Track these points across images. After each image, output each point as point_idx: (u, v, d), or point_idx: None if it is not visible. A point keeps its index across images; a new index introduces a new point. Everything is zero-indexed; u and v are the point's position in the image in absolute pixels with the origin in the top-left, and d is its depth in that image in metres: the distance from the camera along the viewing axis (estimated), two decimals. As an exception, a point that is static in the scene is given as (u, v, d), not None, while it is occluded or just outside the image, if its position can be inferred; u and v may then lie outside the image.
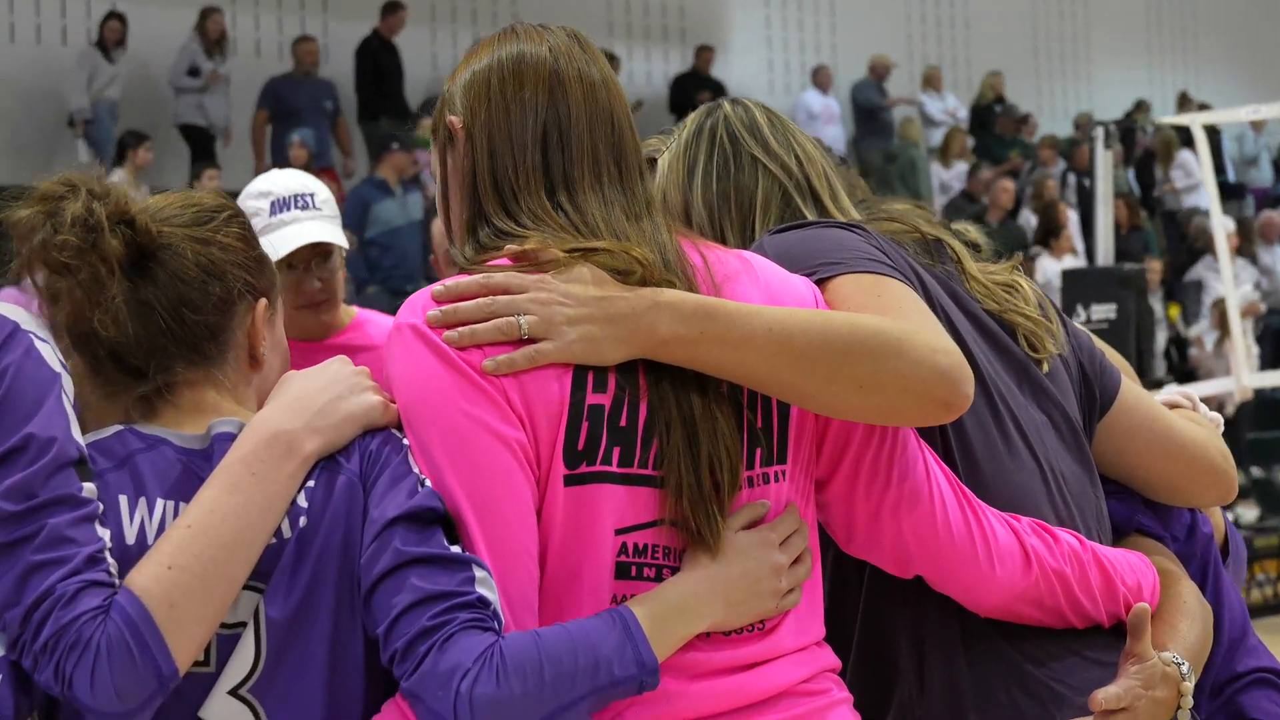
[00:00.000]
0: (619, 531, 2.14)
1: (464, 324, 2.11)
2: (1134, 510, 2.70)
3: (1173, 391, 2.92)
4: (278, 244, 3.92)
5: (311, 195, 4.03)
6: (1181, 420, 2.72)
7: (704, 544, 2.15)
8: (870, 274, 2.33)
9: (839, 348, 2.15)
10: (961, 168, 18.28)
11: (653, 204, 2.25)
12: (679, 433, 2.14)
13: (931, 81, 19.34)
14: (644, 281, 2.15)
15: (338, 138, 15.39)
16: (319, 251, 3.99)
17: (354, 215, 12.70)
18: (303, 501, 2.13)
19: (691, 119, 2.69)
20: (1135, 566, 2.52)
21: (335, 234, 3.98)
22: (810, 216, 2.56)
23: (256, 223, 3.78)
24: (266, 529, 2.10)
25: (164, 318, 2.21)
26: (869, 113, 18.52)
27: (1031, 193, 17.80)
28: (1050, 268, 14.90)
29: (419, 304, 2.16)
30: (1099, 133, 11.76)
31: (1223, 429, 2.84)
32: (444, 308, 2.13)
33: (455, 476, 2.10)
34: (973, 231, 3.14)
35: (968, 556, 2.32)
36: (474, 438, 2.09)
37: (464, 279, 2.15)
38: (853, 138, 18.48)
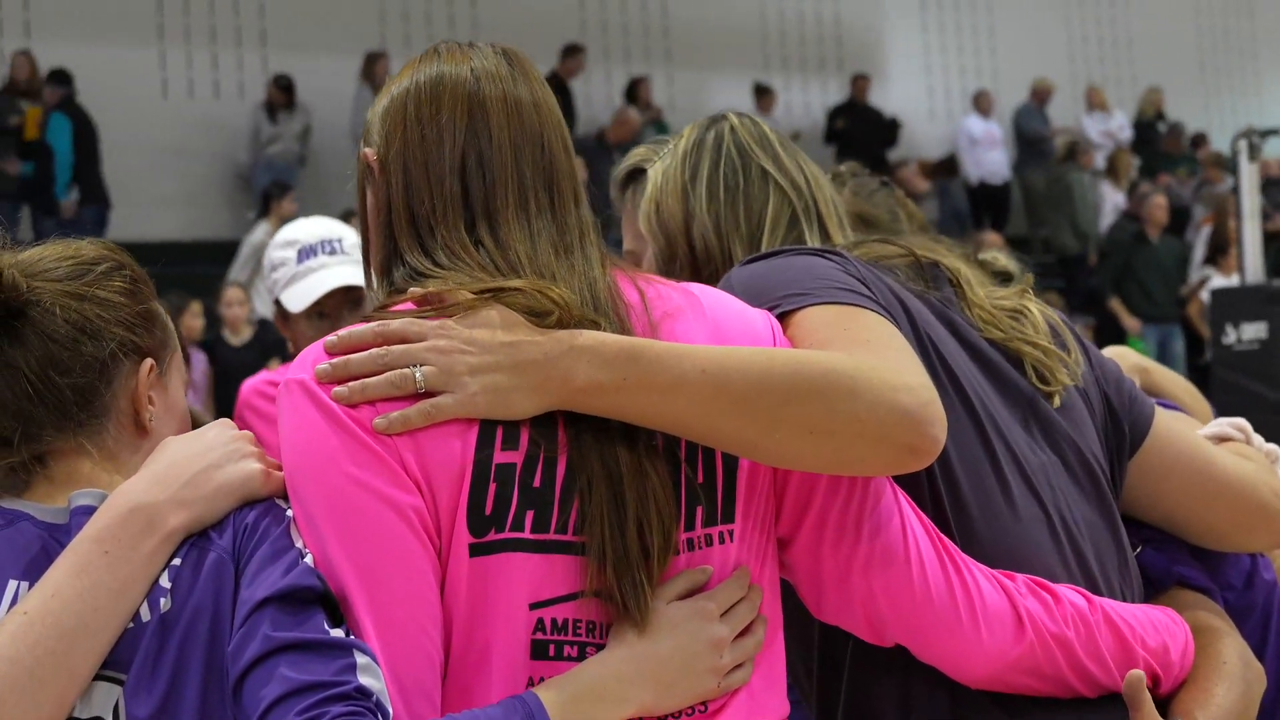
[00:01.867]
0: (534, 606, 1.89)
1: (355, 378, 1.89)
2: (1174, 560, 2.46)
3: (1222, 423, 2.64)
4: (306, 291, 3.84)
5: (339, 240, 3.92)
6: (1227, 456, 2.48)
7: (630, 618, 1.91)
8: (839, 304, 2.11)
9: (783, 389, 1.90)
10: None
11: (587, 235, 2.03)
12: (602, 493, 1.89)
13: (1094, 101, 19.23)
14: (561, 323, 1.91)
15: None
16: (350, 298, 3.85)
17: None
18: (165, 582, 1.90)
19: (689, 130, 2.52)
20: (1161, 625, 2.25)
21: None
22: (813, 242, 2.39)
23: (284, 272, 3.92)
24: (120, 614, 1.87)
25: (30, 381, 2.00)
26: (1030, 137, 18.45)
27: (1200, 210, 17.68)
28: (1221, 286, 14.77)
29: (310, 357, 1.94)
30: (1243, 145, 11.54)
31: None
32: (334, 361, 1.90)
33: (341, 549, 1.86)
34: (1002, 259, 3.04)
35: (949, 622, 2.06)
36: (362, 505, 1.86)
37: (359, 327, 1.93)
38: (1015, 162, 18.43)
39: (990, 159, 18.14)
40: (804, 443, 1.92)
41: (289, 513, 1.94)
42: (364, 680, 1.79)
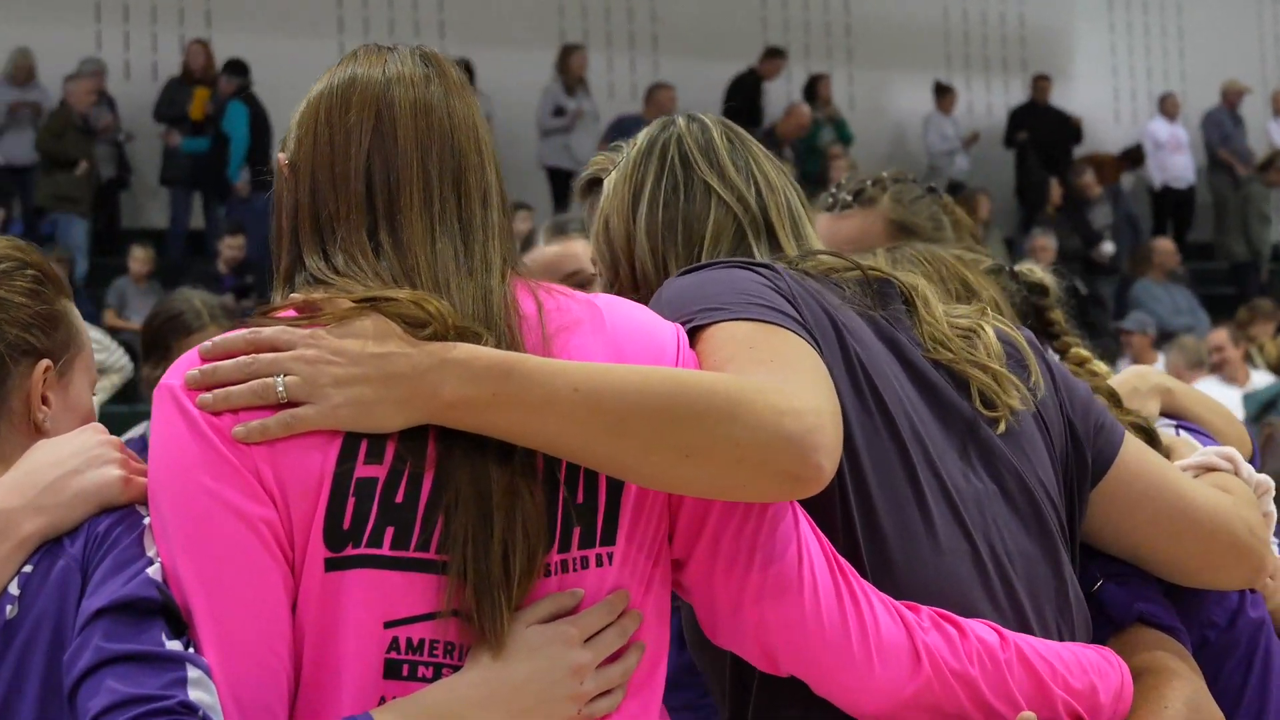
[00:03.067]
0: (390, 624, 1.84)
1: (223, 385, 1.86)
2: (1137, 596, 2.33)
3: (1209, 452, 2.52)
4: None
5: None
6: (1202, 488, 2.37)
7: (487, 640, 1.85)
8: (752, 321, 2.03)
9: (659, 410, 1.84)
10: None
11: (492, 241, 1.98)
12: (469, 511, 1.84)
13: (1284, 106, 18.78)
14: (437, 335, 1.87)
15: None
16: None
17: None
18: (14, 589, 1.87)
19: (643, 134, 2.41)
20: (1091, 665, 2.14)
21: None
22: (761, 256, 2.28)
23: None
24: None
25: None
26: (1220, 141, 18.06)
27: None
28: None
29: (184, 363, 1.90)
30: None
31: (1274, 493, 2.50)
32: (204, 367, 1.87)
33: (187, 560, 1.83)
34: (1037, 272, 3.03)
35: (841, 654, 1.97)
36: (212, 516, 1.82)
37: (232, 334, 1.90)
38: (1202, 167, 18.04)
39: (1175, 163, 17.77)
40: (681, 466, 1.87)
41: (146, 520, 1.91)
42: (193, 694, 1.75)
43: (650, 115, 15.06)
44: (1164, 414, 2.91)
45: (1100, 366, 3.09)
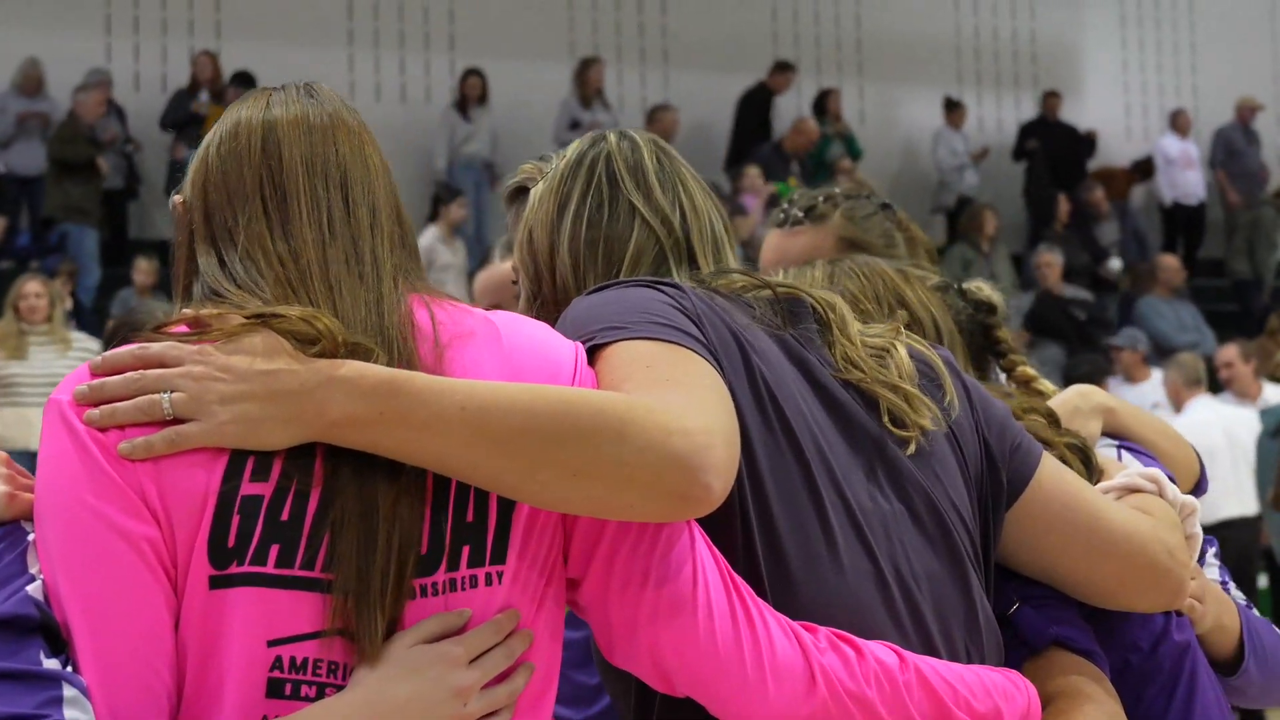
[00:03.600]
0: (273, 643, 1.83)
1: (111, 401, 1.85)
2: (1053, 619, 2.32)
3: (1132, 473, 2.49)
4: None
5: None
6: (1120, 510, 2.36)
7: (370, 659, 1.84)
8: (651, 340, 2.03)
9: (546, 429, 1.84)
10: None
11: (381, 252, 2.00)
12: (354, 530, 1.84)
13: (1298, 122, 18.71)
14: (325, 352, 1.87)
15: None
16: None
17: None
18: None
19: (573, 147, 2.39)
20: (996, 688, 2.12)
21: None
22: (679, 276, 2.27)
23: None
24: None
25: None
26: (1233, 159, 18.01)
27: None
28: None
29: (74, 379, 1.90)
30: None
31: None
32: (92, 383, 1.86)
33: (68, 578, 1.81)
34: (985, 290, 3.02)
35: (735, 675, 1.95)
36: (93, 533, 1.81)
37: (121, 350, 1.90)
38: (1213, 183, 18.00)
39: (1186, 179, 17.73)
40: (568, 486, 1.86)
41: (30, 537, 1.89)
42: (68, 713, 1.74)
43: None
44: (1107, 434, 2.90)
45: (1046, 386, 3.08)
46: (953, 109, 17.22)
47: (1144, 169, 17.88)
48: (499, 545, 1.92)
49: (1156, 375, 12.05)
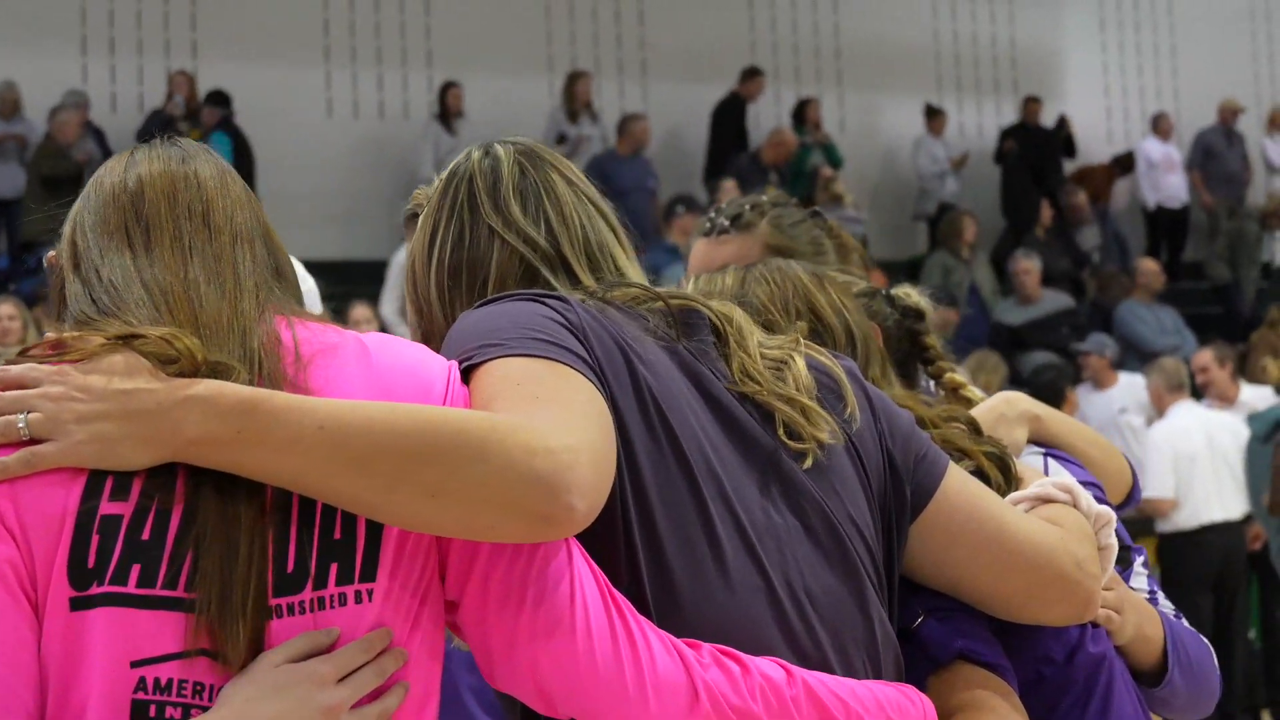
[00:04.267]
0: (136, 664, 1.81)
1: None
2: (959, 632, 2.29)
3: (1046, 483, 2.46)
4: None
5: None
6: (1028, 521, 2.32)
7: (234, 679, 1.83)
8: (527, 357, 2.02)
9: (405, 449, 1.83)
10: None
11: (244, 267, 2.02)
12: (216, 548, 1.83)
13: (1278, 124, 18.67)
14: (184, 371, 1.87)
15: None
16: None
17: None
18: None
19: (450, 167, 2.38)
20: (891, 703, 2.10)
21: None
22: (559, 289, 2.24)
23: None
24: None
25: None
26: (1211, 160, 17.98)
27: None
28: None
29: None
30: None
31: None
32: None
33: None
34: (914, 296, 3.05)
35: (616, 694, 1.93)
36: None
37: None
38: (1195, 186, 17.98)
39: (1169, 182, 17.71)
40: (426, 507, 1.85)
41: None
42: None
43: (624, 150, 15.03)
44: (1034, 442, 2.86)
45: (974, 393, 3.05)
46: (933, 116, 17.20)
47: (1124, 164, 17.82)
48: (368, 563, 1.90)
49: (1124, 380, 12.00)
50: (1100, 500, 2.81)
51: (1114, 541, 2.43)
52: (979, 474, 2.50)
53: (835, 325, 2.60)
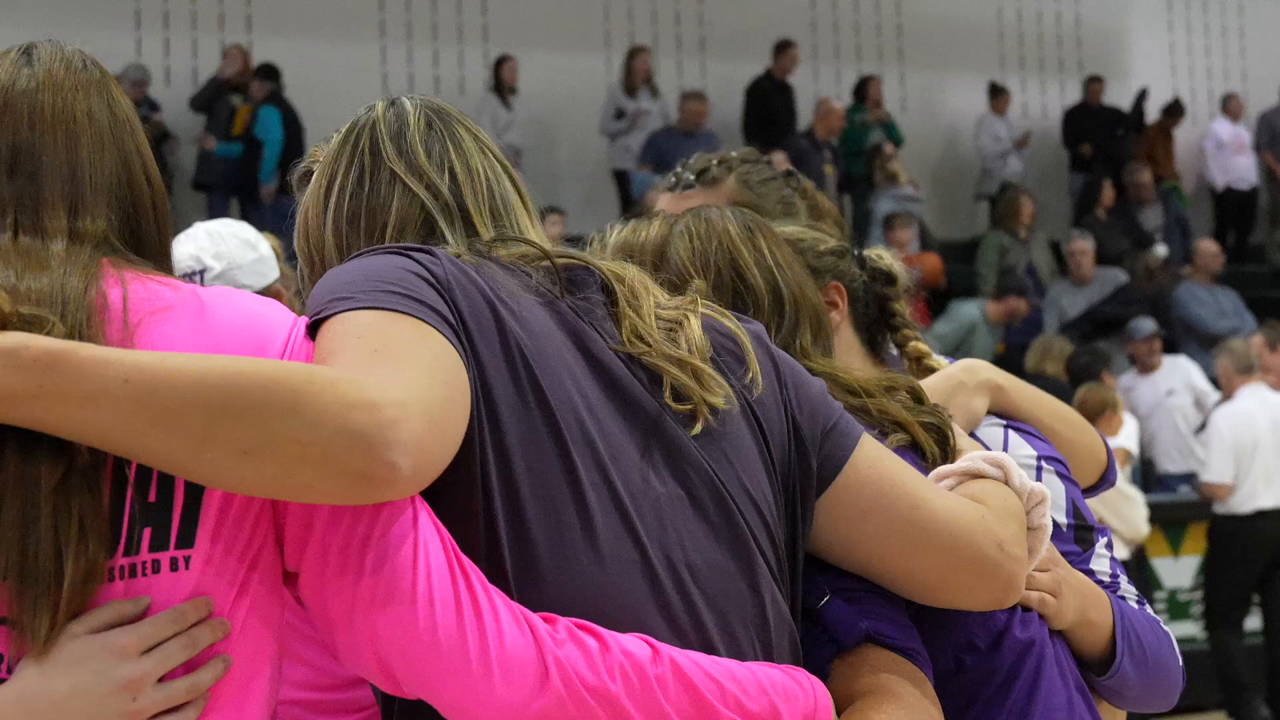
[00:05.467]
0: None
1: None
2: (863, 613, 2.13)
3: (975, 457, 2.28)
4: None
5: (202, 273, 3.80)
6: (948, 499, 2.17)
7: (33, 651, 1.73)
8: (375, 310, 1.90)
9: (213, 403, 1.70)
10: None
11: (79, 223, 1.90)
12: (16, 510, 1.72)
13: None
14: None
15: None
16: None
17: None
18: None
19: (351, 120, 2.27)
20: (775, 685, 1.95)
21: None
22: (456, 243, 2.13)
23: None
24: None
25: None
26: (1269, 143, 17.69)
27: None
28: None
29: None
30: None
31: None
32: None
33: None
34: (887, 259, 2.88)
35: (457, 668, 1.81)
36: None
37: None
38: (1265, 168, 17.69)
39: (1237, 164, 17.44)
40: (239, 465, 1.72)
41: None
42: None
43: (684, 127, 14.87)
44: (997, 413, 2.72)
45: (938, 362, 2.89)
46: (997, 95, 16.97)
47: (1172, 111, 17.47)
48: (186, 528, 1.79)
49: (1169, 363, 11.79)
50: (1064, 476, 2.67)
51: (1047, 522, 2.27)
52: (913, 446, 2.36)
53: (759, 285, 2.42)
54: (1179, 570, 10.86)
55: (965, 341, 12.68)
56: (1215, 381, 11.28)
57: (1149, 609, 2.64)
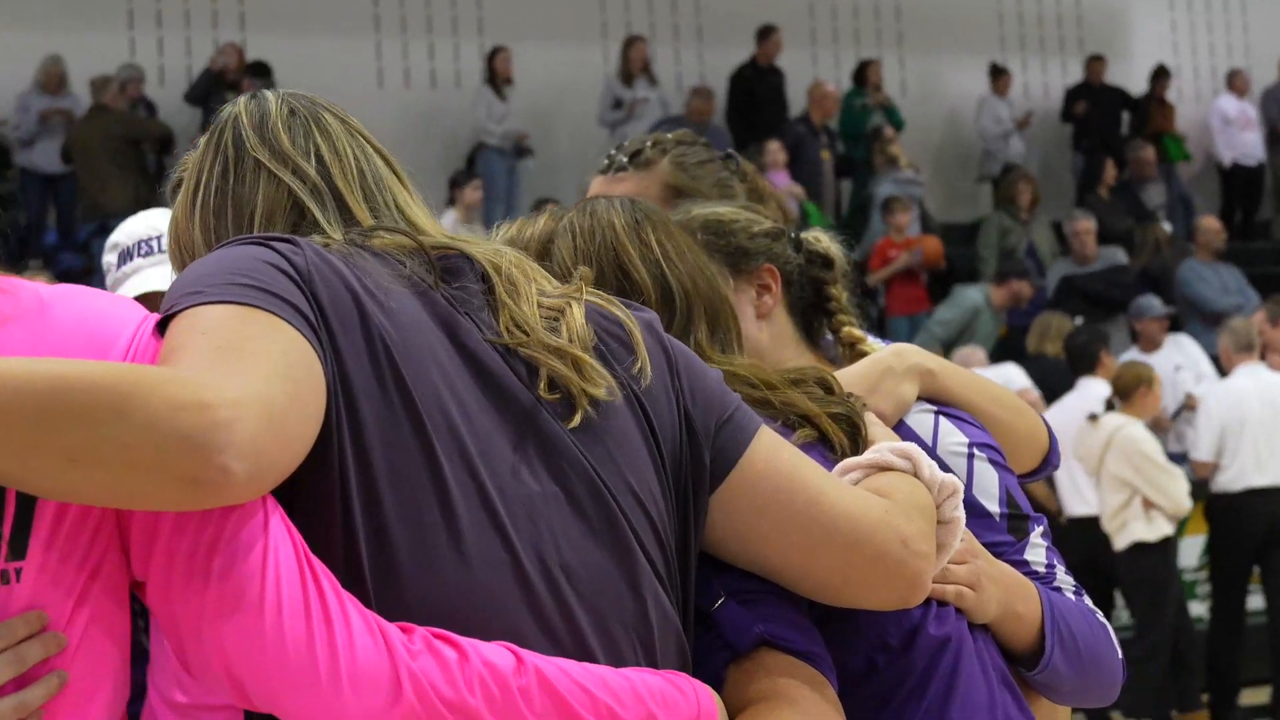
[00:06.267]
0: None
1: None
2: (759, 616, 2.03)
3: (883, 448, 2.19)
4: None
5: (158, 238, 3.56)
6: (849, 493, 2.07)
7: None
8: (223, 304, 1.82)
9: (37, 409, 1.61)
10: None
11: None
12: None
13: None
14: None
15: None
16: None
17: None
18: None
19: (216, 118, 2.20)
20: (655, 694, 1.86)
21: None
22: (330, 226, 2.05)
23: (110, 278, 3.57)
24: None
25: None
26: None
27: None
28: None
29: None
30: None
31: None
32: None
33: None
34: (824, 241, 2.79)
35: (305, 680, 1.72)
36: None
37: None
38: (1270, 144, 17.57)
39: (1244, 140, 17.31)
40: (69, 473, 1.63)
41: None
42: None
43: (691, 121, 14.73)
44: (927, 398, 2.63)
45: (872, 347, 2.80)
46: (998, 76, 16.85)
47: (1160, 73, 17.34)
48: (18, 539, 1.72)
49: (1171, 341, 11.69)
50: (997, 463, 2.58)
51: (960, 514, 2.17)
52: (822, 440, 2.27)
53: (644, 281, 2.32)
54: (1185, 550, 10.76)
55: (969, 326, 12.56)
56: (1216, 360, 11.17)
57: (1086, 600, 2.55)
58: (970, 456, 2.53)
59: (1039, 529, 2.55)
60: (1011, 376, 10.63)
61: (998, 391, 2.74)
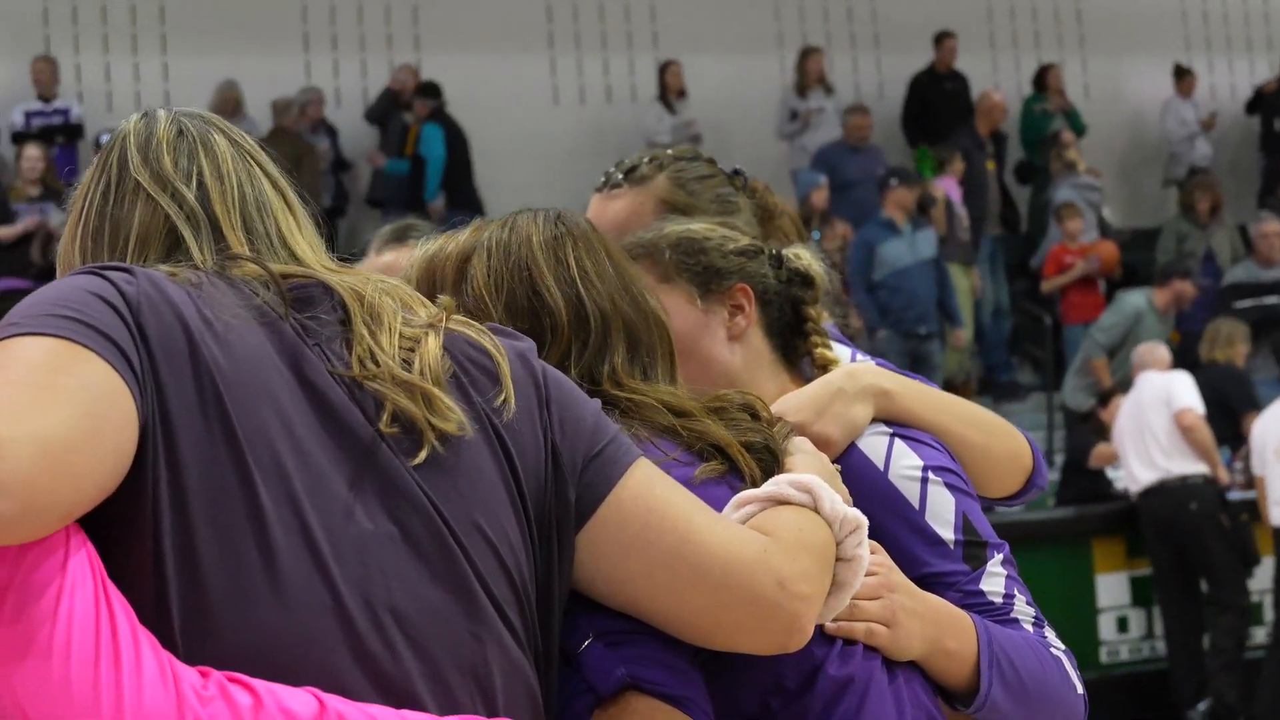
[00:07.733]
0: None
1: None
2: (625, 659, 1.97)
3: (781, 481, 2.10)
4: None
5: None
6: (725, 530, 1.99)
7: None
8: (33, 336, 1.78)
9: None
10: None
11: None
12: None
13: None
14: None
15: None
16: None
17: (860, 258, 12.52)
18: None
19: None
20: None
21: None
22: (203, 252, 2.00)
23: None
24: None
25: None
26: None
27: None
28: None
29: None
30: None
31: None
32: None
33: None
34: (805, 258, 2.72)
35: None
36: None
37: None
38: None
39: None
40: None
41: None
42: None
43: (851, 141, 14.58)
44: (884, 419, 2.55)
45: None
46: (1182, 77, 16.48)
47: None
48: None
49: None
50: (955, 487, 2.50)
51: (863, 552, 2.09)
52: (735, 470, 2.19)
53: (555, 303, 2.24)
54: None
55: (1133, 332, 12.24)
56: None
57: (1048, 632, 2.47)
58: (924, 480, 2.45)
59: (998, 556, 2.46)
60: (1178, 386, 10.32)
61: (970, 411, 2.64)
